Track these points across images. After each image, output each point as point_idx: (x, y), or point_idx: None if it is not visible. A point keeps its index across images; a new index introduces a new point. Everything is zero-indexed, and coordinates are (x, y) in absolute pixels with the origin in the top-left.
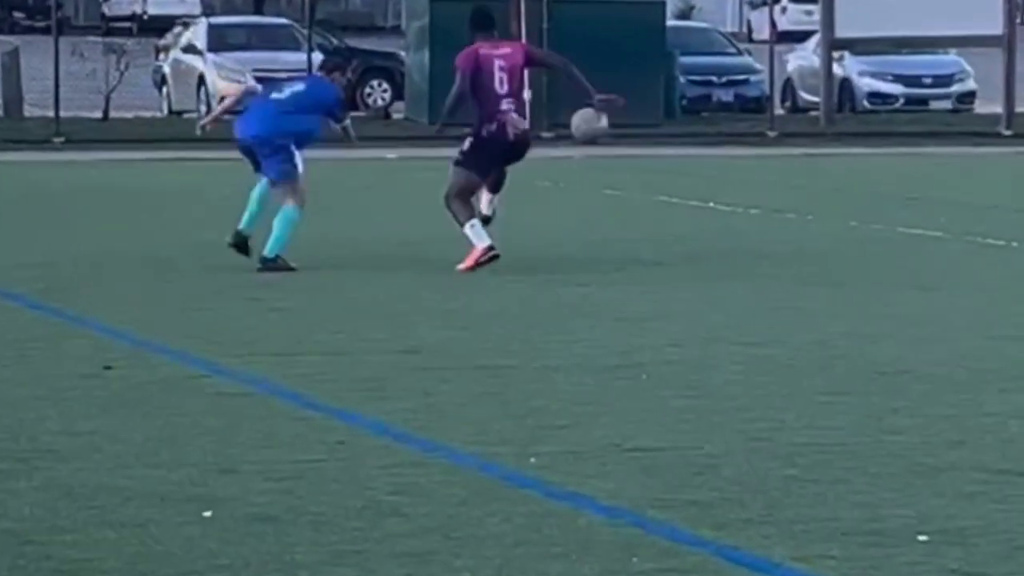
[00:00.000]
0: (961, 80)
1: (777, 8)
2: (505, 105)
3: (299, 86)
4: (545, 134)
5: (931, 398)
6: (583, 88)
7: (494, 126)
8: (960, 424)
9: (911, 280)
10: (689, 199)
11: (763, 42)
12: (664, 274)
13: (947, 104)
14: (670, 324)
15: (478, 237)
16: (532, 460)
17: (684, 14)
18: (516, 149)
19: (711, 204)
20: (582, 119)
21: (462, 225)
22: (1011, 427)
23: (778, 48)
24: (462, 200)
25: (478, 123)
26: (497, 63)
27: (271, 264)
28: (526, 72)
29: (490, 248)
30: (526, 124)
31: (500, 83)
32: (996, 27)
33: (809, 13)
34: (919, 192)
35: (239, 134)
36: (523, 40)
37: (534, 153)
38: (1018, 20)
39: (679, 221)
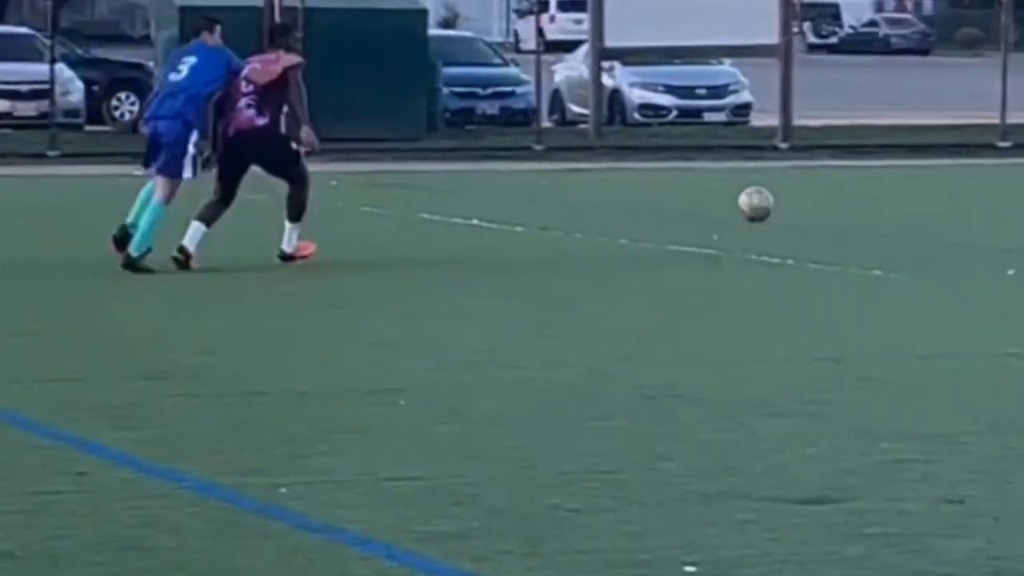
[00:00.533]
0: (736, 91)
1: (545, 17)
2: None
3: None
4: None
5: (702, 424)
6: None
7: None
8: (732, 450)
9: (681, 300)
10: (452, 216)
11: (530, 52)
12: (424, 296)
13: (722, 116)
14: (430, 348)
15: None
16: (283, 490)
17: (448, 23)
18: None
19: (474, 221)
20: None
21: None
22: (784, 452)
23: (546, 58)
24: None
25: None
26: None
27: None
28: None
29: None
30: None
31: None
32: (772, 36)
33: (578, 22)
34: (692, 208)
35: None
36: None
37: None
38: (795, 30)
39: (441, 239)
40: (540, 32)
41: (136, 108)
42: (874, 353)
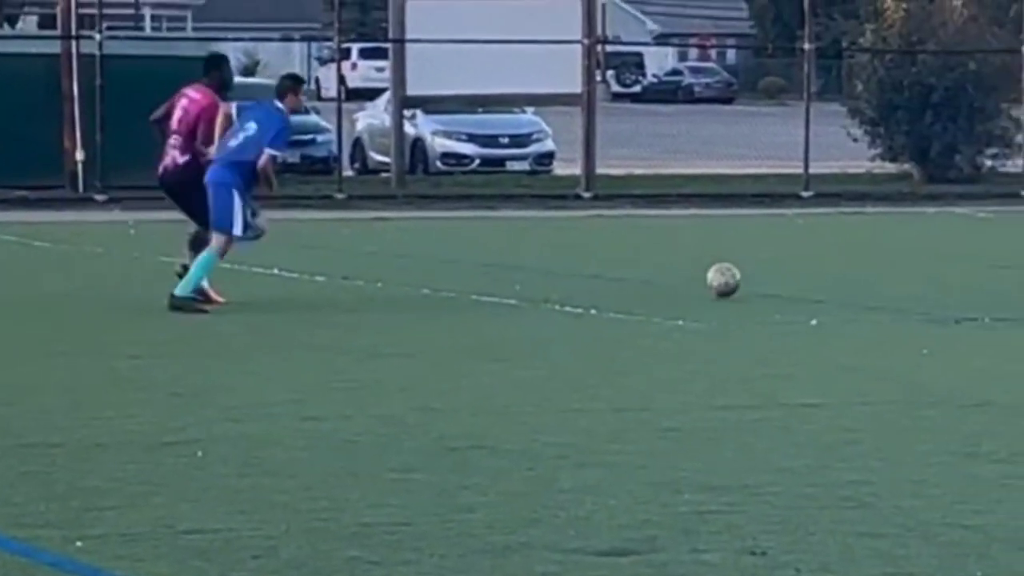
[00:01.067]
0: (539, 140)
1: (346, 64)
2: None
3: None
4: (98, 197)
5: (504, 475)
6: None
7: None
8: (534, 501)
9: (484, 350)
10: (252, 265)
11: (331, 100)
12: (223, 345)
13: (525, 165)
14: (228, 398)
15: None
16: (79, 544)
17: (249, 70)
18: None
19: (275, 271)
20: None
21: None
22: (586, 504)
23: (347, 106)
24: None
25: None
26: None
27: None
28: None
29: None
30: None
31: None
32: (575, 85)
33: (380, 70)
34: (494, 257)
35: None
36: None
37: (87, 216)
38: (598, 78)
39: (240, 288)
40: (342, 79)
41: None
42: (676, 404)
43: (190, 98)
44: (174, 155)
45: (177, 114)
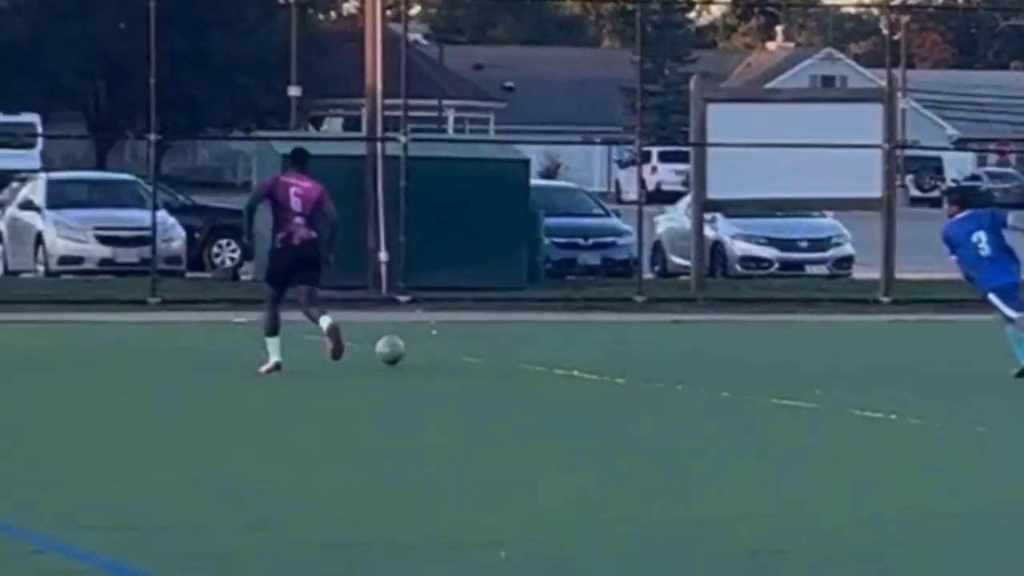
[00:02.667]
0: (838, 244)
1: (647, 167)
2: (297, 220)
3: None
4: (401, 298)
5: None
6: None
7: (283, 234)
8: None
9: (785, 454)
10: (553, 367)
11: (632, 203)
12: (522, 447)
13: (823, 269)
14: (533, 498)
15: (272, 351)
16: None
17: (550, 173)
18: (301, 255)
19: (575, 372)
20: (385, 343)
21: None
22: None
23: (648, 209)
24: (267, 311)
25: (272, 236)
26: (293, 190)
27: None
28: (320, 209)
29: (278, 365)
30: (313, 234)
31: (295, 203)
32: (875, 190)
33: (680, 173)
34: (794, 362)
35: None
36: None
37: (390, 317)
38: (898, 183)
39: (542, 390)
40: (642, 182)
41: (236, 255)
42: (988, 510)
43: (302, 186)
44: (304, 231)
45: (295, 200)
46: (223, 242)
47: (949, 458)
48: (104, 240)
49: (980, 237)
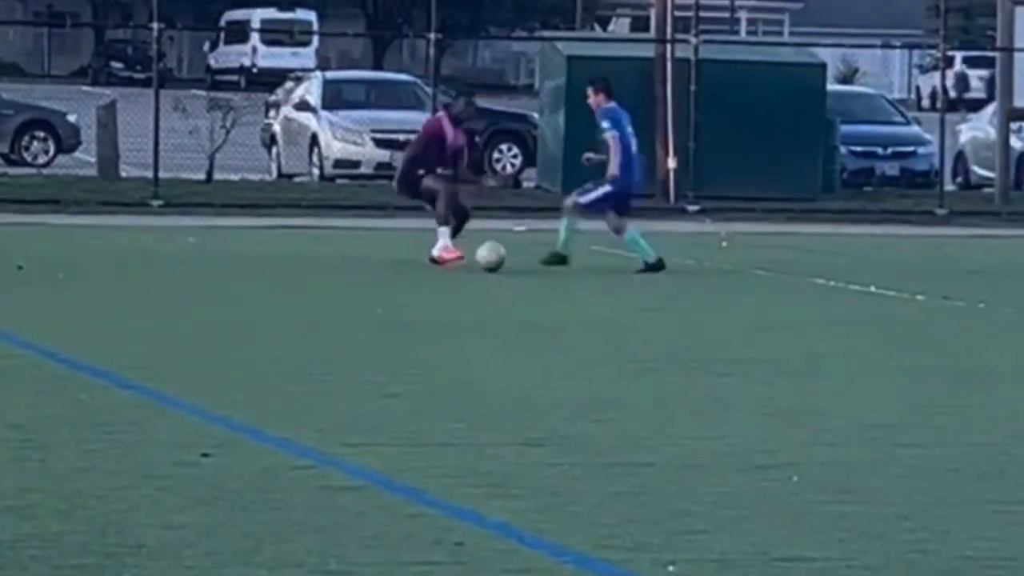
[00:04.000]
0: None
1: (950, 73)
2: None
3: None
4: (690, 207)
5: None
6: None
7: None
8: None
9: None
10: (847, 282)
11: (933, 110)
12: (815, 367)
13: None
14: (821, 420)
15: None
16: (671, 568)
17: (847, 78)
18: None
19: (871, 288)
20: (488, 249)
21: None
22: None
23: (950, 117)
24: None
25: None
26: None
27: None
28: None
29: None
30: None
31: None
32: None
33: (984, 79)
34: None
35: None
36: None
37: (677, 227)
38: None
39: (834, 306)
40: (944, 89)
41: (518, 162)
42: None
43: None
44: None
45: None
46: (504, 147)
47: None
48: (381, 143)
49: None
